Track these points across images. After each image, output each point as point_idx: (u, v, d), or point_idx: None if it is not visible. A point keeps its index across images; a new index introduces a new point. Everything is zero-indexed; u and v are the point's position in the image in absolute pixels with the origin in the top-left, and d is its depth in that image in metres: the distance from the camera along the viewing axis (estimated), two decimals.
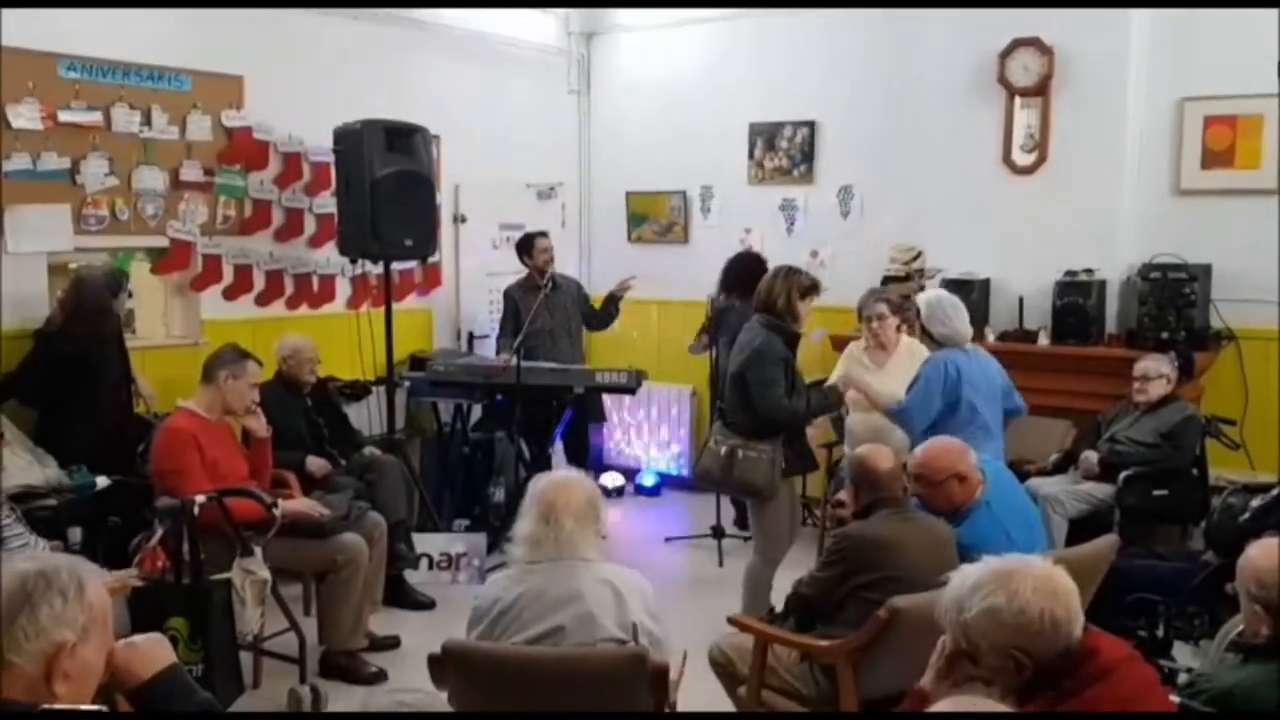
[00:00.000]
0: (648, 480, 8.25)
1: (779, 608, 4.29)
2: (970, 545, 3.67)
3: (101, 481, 5.06)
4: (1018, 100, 6.55)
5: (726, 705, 3.93)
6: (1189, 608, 4.52)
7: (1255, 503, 4.61)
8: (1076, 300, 6.26)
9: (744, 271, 6.68)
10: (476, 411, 7.19)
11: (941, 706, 1.70)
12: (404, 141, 6.22)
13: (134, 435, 5.46)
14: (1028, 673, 2.30)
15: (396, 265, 6.66)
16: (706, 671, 3.92)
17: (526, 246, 7.21)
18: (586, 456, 7.59)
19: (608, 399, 7.68)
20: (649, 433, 8.36)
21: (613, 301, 7.39)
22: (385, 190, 6.06)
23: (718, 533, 6.79)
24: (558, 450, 7.46)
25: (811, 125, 7.53)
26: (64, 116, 5.60)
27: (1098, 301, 6.27)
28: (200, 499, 4.28)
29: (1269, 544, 2.77)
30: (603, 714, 2.97)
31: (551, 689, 2.96)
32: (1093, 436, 5.80)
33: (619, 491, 8.10)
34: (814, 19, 7.37)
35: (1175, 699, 2.51)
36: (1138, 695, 2.34)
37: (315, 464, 5.58)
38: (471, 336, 7.78)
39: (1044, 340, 6.37)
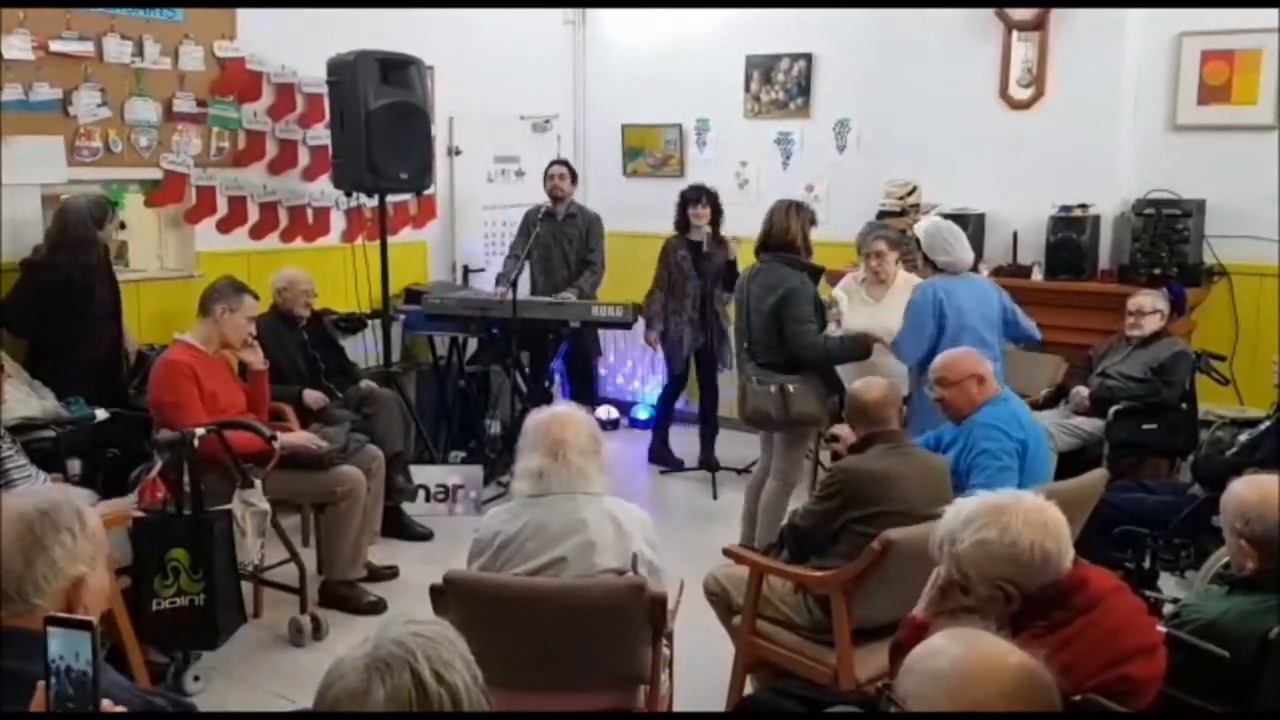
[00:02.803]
0: (642, 413, 8.29)
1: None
2: (985, 423, 4.08)
3: (100, 414, 5.08)
4: (1015, 34, 6.51)
5: (722, 634, 4.01)
6: (1175, 539, 4.58)
7: (1242, 437, 4.65)
8: (1070, 235, 6.26)
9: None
10: (472, 344, 7.23)
11: (939, 636, 1.75)
12: (398, 73, 6.19)
13: (124, 368, 5.49)
14: (1016, 603, 2.36)
15: (391, 198, 6.65)
16: (702, 601, 3.99)
17: (545, 173, 7.25)
18: (589, 392, 7.65)
19: (604, 333, 7.69)
20: (644, 366, 8.38)
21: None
22: (380, 122, 6.04)
23: (712, 465, 6.85)
24: (557, 384, 7.52)
25: (809, 58, 7.49)
26: (55, 46, 5.55)
27: (1091, 236, 6.28)
28: (200, 431, 4.31)
29: (1254, 480, 2.82)
30: None
31: (552, 618, 3.02)
32: (1084, 371, 5.83)
33: (614, 424, 8.16)
34: None
35: (1161, 629, 2.57)
36: (1125, 625, 2.41)
37: (312, 397, 5.61)
38: (466, 270, 7.78)
39: (1037, 275, 6.38)
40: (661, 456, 7.27)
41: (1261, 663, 2.57)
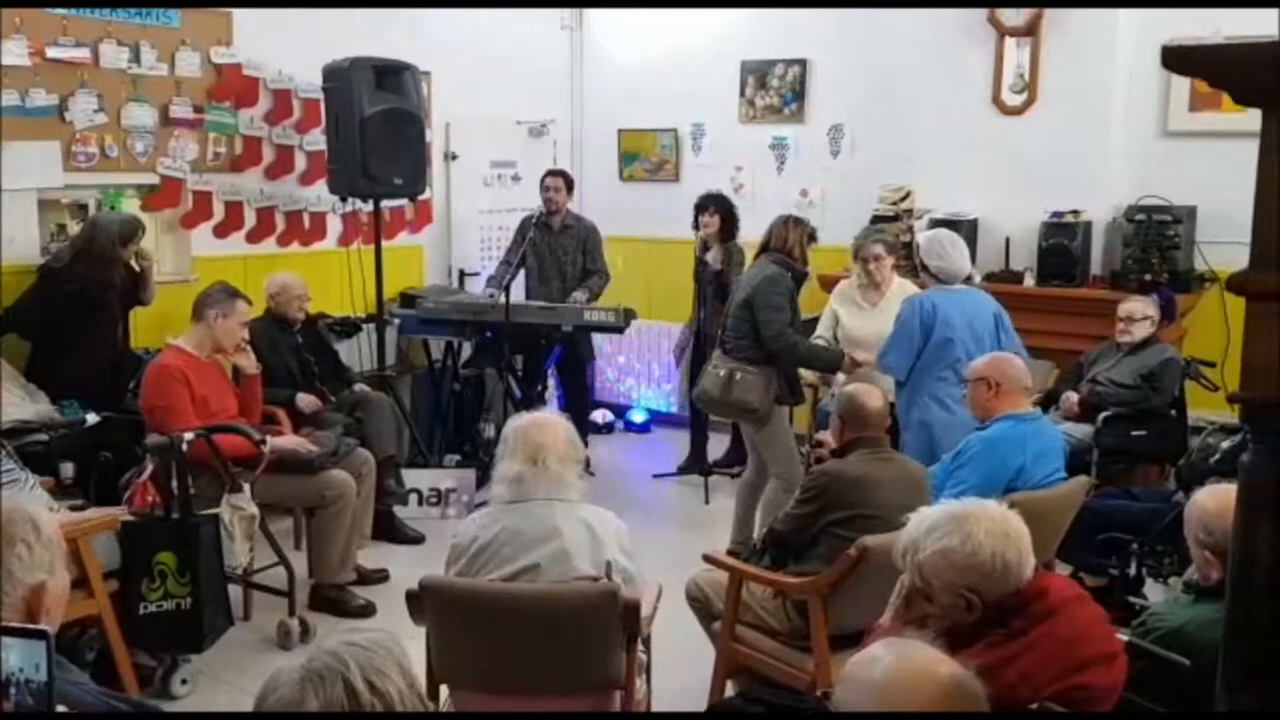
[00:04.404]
0: (638, 417, 8.32)
1: None
2: (986, 436, 4.13)
3: (91, 417, 5.12)
4: (1008, 40, 6.52)
5: (702, 639, 4.03)
6: (1159, 546, 4.60)
7: (1225, 444, 4.67)
8: (1062, 241, 6.28)
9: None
10: (467, 348, 7.26)
11: (876, 645, 1.78)
12: (393, 79, 6.23)
13: (126, 371, 5.53)
14: (977, 612, 2.38)
15: (387, 203, 6.68)
16: (685, 606, 4.01)
17: (540, 184, 7.26)
18: (584, 396, 7.67)
19: (600, 336, 7.72)
20: (640, 370, 8.42)
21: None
22: (374, 128, 6.07)
23: (705, 470, 6.87)
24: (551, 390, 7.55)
25: (803, 64, 7.51)
26: (52, 53, 5.60)
27: (1083, 243, 6.28)
28: (189, 435, 4.34)
29: (1215, 489, 2.83)
30: None
31: (527, 624, 3.04)
32: (1074, 377, 5.85)
33: (609, 428, 8.18)
34: None
35: (1123, 636, 2.59)
36: (1084, 634, 2.42)
37: (305, 400, 5.65)
38: (462, 274, 7.81)
39: (1029, 281, 6.39)
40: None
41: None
